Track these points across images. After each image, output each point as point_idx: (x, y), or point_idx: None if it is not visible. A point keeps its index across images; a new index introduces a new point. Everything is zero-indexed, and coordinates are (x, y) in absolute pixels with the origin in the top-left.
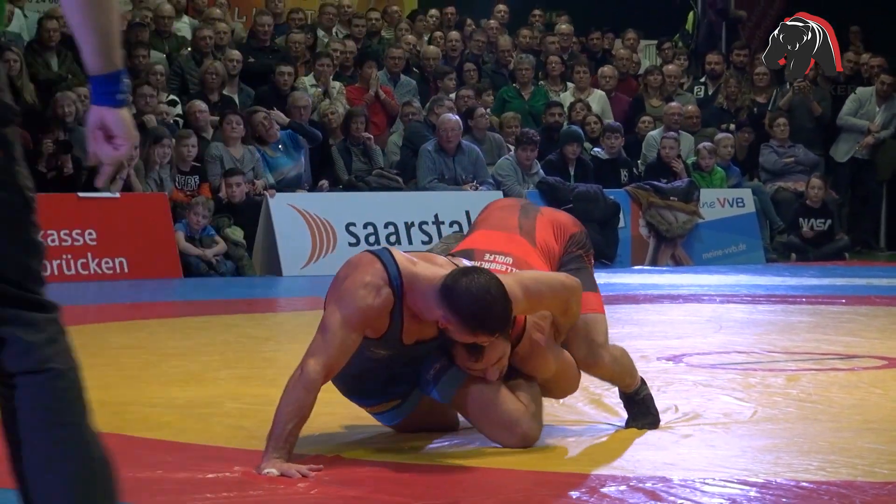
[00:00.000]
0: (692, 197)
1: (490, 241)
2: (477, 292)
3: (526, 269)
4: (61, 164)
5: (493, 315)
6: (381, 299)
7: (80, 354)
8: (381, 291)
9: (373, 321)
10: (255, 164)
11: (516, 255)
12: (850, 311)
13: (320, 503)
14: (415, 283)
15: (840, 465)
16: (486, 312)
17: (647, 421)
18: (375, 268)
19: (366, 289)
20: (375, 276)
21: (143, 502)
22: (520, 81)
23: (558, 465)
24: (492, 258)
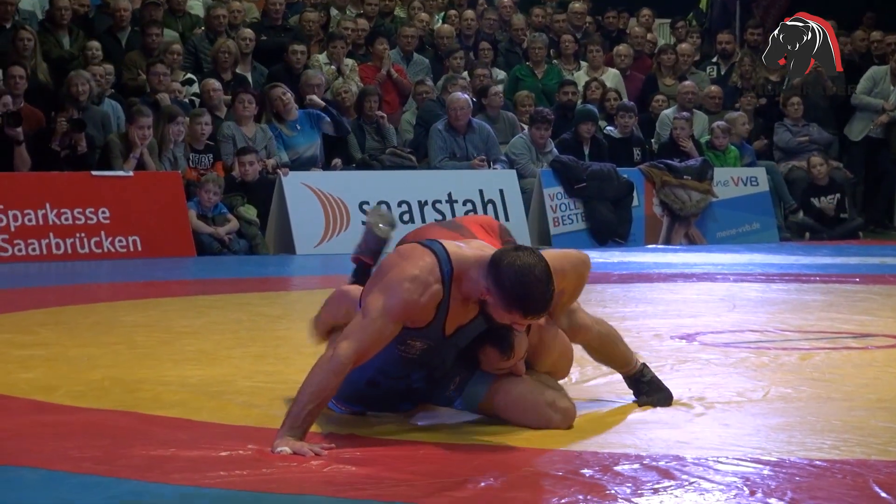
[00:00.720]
0: (706, 176)
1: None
2: (522, 268)
3: None
4: (75, 142)
5: (531, 295)
6: (427, 296)
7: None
8: (429, 288)
9: (415, 315)
10: (267, 142)
11: None
12: (863, 290)
13: (333, 481)
14: (465, 267)
15: (854, 444)
16: (526, 291)
17: (661, 396)
18: (426, 261)
19: (413, 283)
20: (424, 271)
21: (156, 479)
22: (533, 60)
23: (571, 443)
24: None
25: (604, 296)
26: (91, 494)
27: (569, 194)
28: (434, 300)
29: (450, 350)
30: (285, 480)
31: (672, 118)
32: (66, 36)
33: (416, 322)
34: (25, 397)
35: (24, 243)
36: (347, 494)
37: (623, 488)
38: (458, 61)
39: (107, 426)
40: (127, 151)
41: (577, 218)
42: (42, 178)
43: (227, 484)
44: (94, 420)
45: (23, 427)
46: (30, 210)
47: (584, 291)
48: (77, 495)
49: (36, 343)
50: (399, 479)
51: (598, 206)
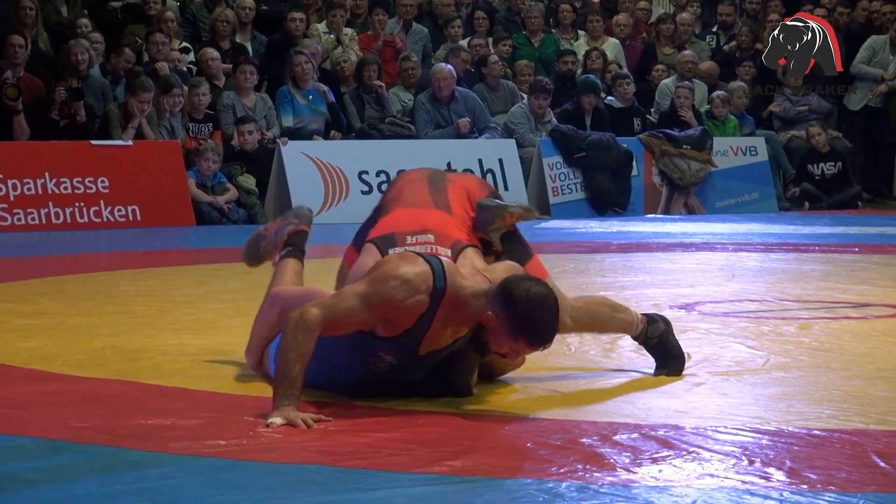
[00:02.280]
0: (705, 145)
1: (408, 221)
2: (536, 297)
3: (447, 242)
4: (74, 111)
5: (543, 325)
6: (412, 302)
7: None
8: (416, 294)
9: (394, 315)
10: (267, 112)
11: (437, 231)
12: (862, 260)
13: (332, 450)
14: (458, 291)
15: (852, 413)
16: (538, 320)
17: (672, 365)
18: (422, 270)
19: (403, 284)
20: (418, 278)
21: (156, 449)
22: (529, 29)
23: (570, 413)
24: (413, 240)
25: (602, 265)
26: (91, 463)
27: (568, 164)
28: (418, 309)
29: (418, 371)
30: (284, 450)
31: (672, 88)
32: (64, 4)
33: (392, 326)
34: (26, 367)
35: (24, 212)
36: (346, 463)
37: (622, 457)
38: (455, 30)
39: (107, 395)
40: (125, 121)
41: (577, 187)
42: (41, 147)
43: (227, 453)
44: (94, 389)
45: (23, 396)
46: (29, 179)
47: (584, 261)
48: (77, 464)
49: (36, 312)
50: (398, 449)
51: (598, 175)
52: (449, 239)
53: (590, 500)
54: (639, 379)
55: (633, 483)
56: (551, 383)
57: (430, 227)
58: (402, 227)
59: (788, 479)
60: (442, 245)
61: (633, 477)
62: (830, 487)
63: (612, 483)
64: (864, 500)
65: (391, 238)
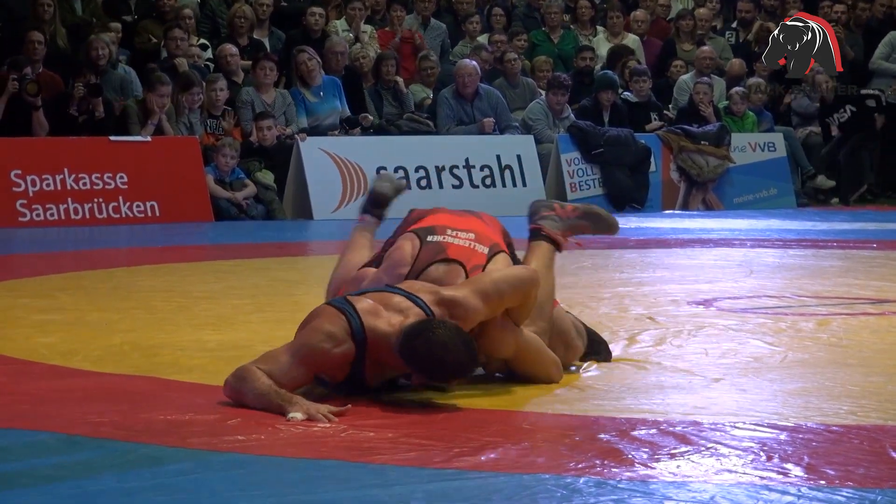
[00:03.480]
0: (723, 141)
1: (450, 220)
2: (437, 350)
3: (486, 242)
4: (93, 107)
5: (449, 367)
6: (339, 351)
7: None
8: (341, 345)
9: (328, 367)
10: (286, 108)
11: (477, 231)
12: (881, 256)
13: (351, 445)
14: (377, 337)
15: (870, 410)
16: (442, 366)
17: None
18: (340, 320)
19: (328, 338)
20: (339, 328)
21: (175, 444)
22: (549, 25)
23: (589, 409)
24: (454, 234)
25: (621, 261)
26: (109, 459)
27: (586, 160)
28: (346, 357)
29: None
30: (303, 445)
31: (690, 84)
32: (79, 1)
33: (335, 377)
34: (45, 362)
35: (43, 208)
36: (364, 458)
37: (640, 453)
38: (474, 26)
39: (125, 391)
40: (144, 117)
41: (595, 183)
42: (60, 143)
43: (245, 448)
44: (112, 385)
45: (42, 392)
46: (48, 175)
47: (602, 257)
48: (95, 459)
49: (55, 308)
50: (415, 444)
51: (616, 171)
52: (489, 240)
53: (608, 496)
54: (657, 375)
55: (652, 478)
56: (571, 379)
57: (472, 228)
58: (444, 222)
59: (806, 475)
60: (481, 244)
61: (651, 472)
62: (848, 483)
63: (630, 478)
64: (882, 496)
65: (432, 229)
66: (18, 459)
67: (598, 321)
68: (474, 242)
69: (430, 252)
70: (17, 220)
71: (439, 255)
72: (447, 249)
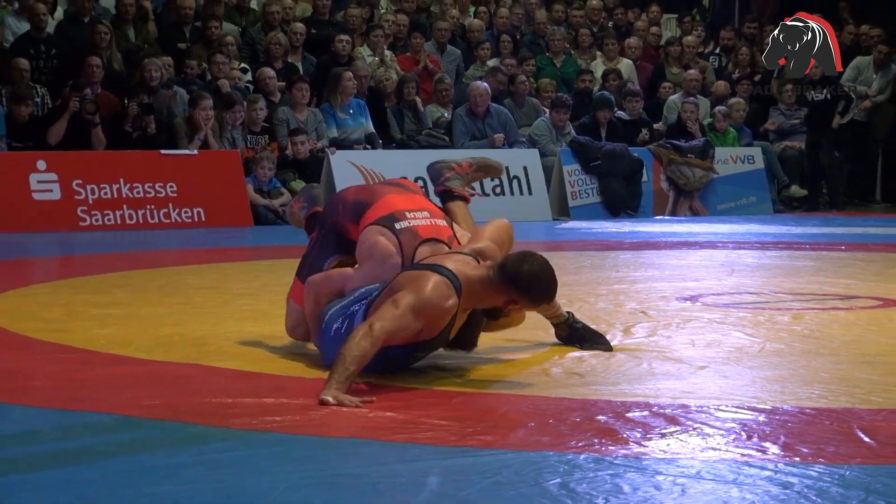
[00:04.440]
0: (708, 155)
1: (401, 203)
2: (540, 272)
3: (438, 215)
4: (145, 124)
5: (553, 286)
6: (450, 303)
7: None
8: (450, 298)
9: (434, 320)
10: (318, 125)
11: (426, 208)
12: (849, 257)
13: (375, 425)
14: (470, 282)
15: (840, 394)
16: (549, 287)
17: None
18: (442, 279)
19: (441, 293)
20: (446, 284)
21: (220, 424)
22: (552, 51)
23: (588, 393)
24: (413, 216)
25: (616, 261)
26: (160, 437)
27: (585, 171)
28: (451, 311)
29: None
30: (333, 425)
31: (678, 103)
32: (132, 29)
33: (432, 331)
34: (102, 351)
35: (101, 214)
36: (387, 437)
37: (634, 433)
38: (484, 52)
39: (174, 377)
40: (191, 133)
41: (593, 192)
42: (116, 156)
43: (282, 428)
44: (163, 371)
45: (100, 378)
46: (105, 185)
47: (599, 258)
48: (148, 438)
49: (111, 303)
50: (434, 424)
51: (612, 181)
52: (435, 212)
53: (605, 471)
54: (649, 363)
55: (644, 455)
56: (571, 366)
57: (421, 206)
58: (399, 207)
59: (783, 453)
60: (437, 218)
61: (643, 450)
62: (820, 460)
63: (625, 455)
64: (850, 471)
65: (392, 216)
66: (79, 438)
67: (596, 315)
68: (431, 219)
69: (408, 237)
70: (78, 224)
71: (416, 238)
72: (419, 232)
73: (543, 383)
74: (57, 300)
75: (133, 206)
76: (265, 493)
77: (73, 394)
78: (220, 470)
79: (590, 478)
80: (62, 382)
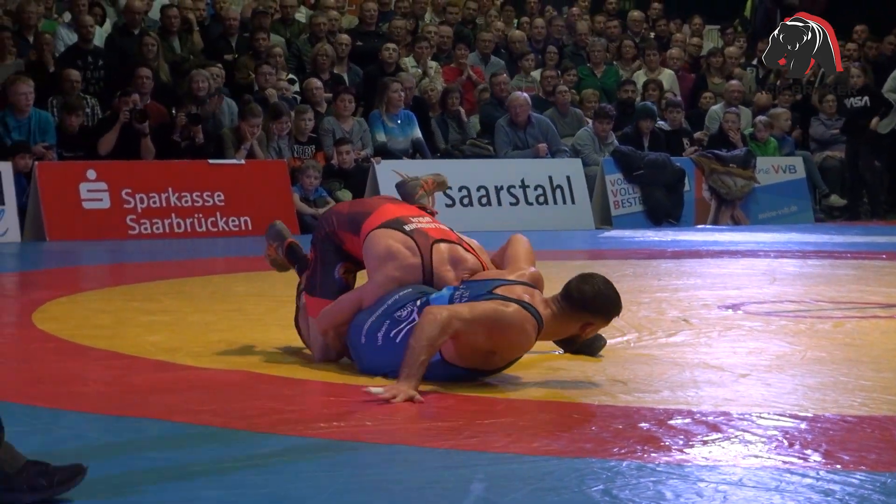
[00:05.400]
0: (749, 164)
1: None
2: (605, 289)
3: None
4: (193, 134)
5: (619, 298)
6: (530, 343)
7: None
8: (532, 338)
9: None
10: (362, 134)
11: (427, 216)
12: (890, 266)
13: (420, 431)
14: (547, 323)
15: (881, 402)
16: (617, 300)
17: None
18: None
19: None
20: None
21: (266, 429)
22: (593, 62)
23: (630, 400)
24: (417, 220)
25: (658, 270)
26: (207, 441)
27: (628, 180)
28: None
29: None
30: (378, 432)
31: (720, 113)
32: (177, 40)
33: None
34: (151, 358)
35: (150, 223)
36: (431, 444)
37: (676, 440)
38: (528, 63)
39: (222, 383)
40: (238, 143)
41: (635, 201)
42: (165, 165)
43: (328, 434)
44: (210, 378)
45: (149, 383)
46: (154, 194)
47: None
48: (195, 441)
49: (160, 310)
50: (476, 431)
51: (654, 190)
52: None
53: (647, 478)
54: (691, 370)
55: (686, 462)
56: (615, 373)
57: (423, 214)
58: (401, 213)
59: (824, 460)
60: (438, 223)
61: (686, 457)
62: (862, 467)
63: (667, 462)
64: (892, 479)
65: (398, 220)
66: (128, 443)
67: (638, 322)
68: (434, 223)
69: (421, 237)
70: (127, 233)
71: (429, 238)
72: (429, 233)
73: (587, 390)
74: (107, 307)
75: (181, 214)
76: (310, 498)
77: (123, 400)
78: (267, 475)
79: (632, 484)
80: (112, 388)
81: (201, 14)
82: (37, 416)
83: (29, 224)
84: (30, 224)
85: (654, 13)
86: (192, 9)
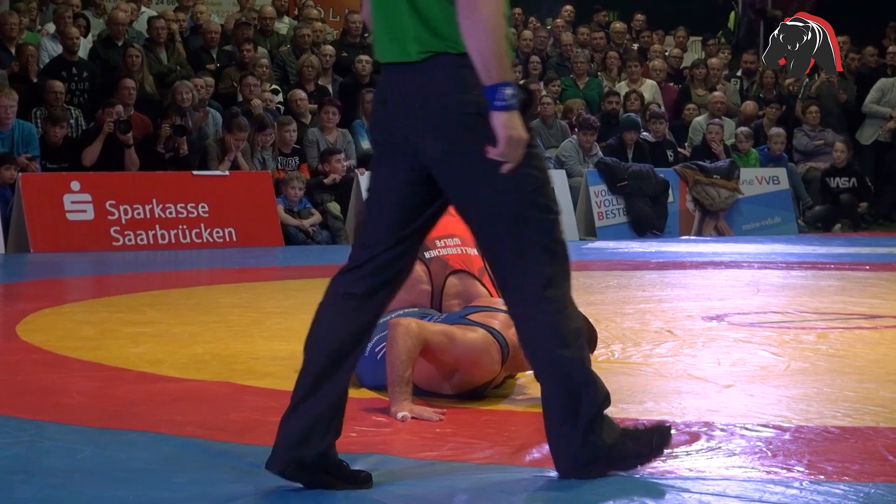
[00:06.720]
0: (733, 175)
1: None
2: None
3: (471, 242)
4: (178, 145)
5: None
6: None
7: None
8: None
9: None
10: (346, 146)
11: (462, 235)
12: (873, 277)
13: (408, 443)
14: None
15: (864, 413)
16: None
17: None
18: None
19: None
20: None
21: (251, 441)
22: (576, 73)
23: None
24: (443, 244)
25: (642, 281)
26: (191, 453)
27: (612, 191)
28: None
29: None
30: (363, 443)
31: (703, 124)
32: (164, 52)
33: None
34: (135, 369)
35: (134, 234)
36: (415, 455)
37: None
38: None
39: (206, 394)
40: (223, 154)
41: (619, 212)
42: (149, 177)
43: None
44: (194, 389)
45: (134, 395)
46: (139, 205)
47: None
48: (179, 454)
49: (144, 322)
50: (491, 444)
51: (638, 201)
52: (469, 238)
53: (631, 489)
54: (675, 381)
55: (670, 473)
56: None
57: (456, 232)
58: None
59: (807, 471)
60: (468, 246)
61: (670, 468)
62: (845, 478)
63: (651, 472)
64: (875, 489)
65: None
66: (113, 455)
67: (622, 334)
68: (462, 247)
69: (438, 267)
70: (111, 244)
71: (447, 269)
72: (449, 262)
73: None
74: (91, 319)
75: (165, 226)
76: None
77: (107, 411)
78: (252, 485)
79: (617, 495)
80: (96, 400)
81: (182, 26)
82: (21, 428)
83: (13, 235)
84: (14, 235)
85: (637, 25)
86: (174, 20)
